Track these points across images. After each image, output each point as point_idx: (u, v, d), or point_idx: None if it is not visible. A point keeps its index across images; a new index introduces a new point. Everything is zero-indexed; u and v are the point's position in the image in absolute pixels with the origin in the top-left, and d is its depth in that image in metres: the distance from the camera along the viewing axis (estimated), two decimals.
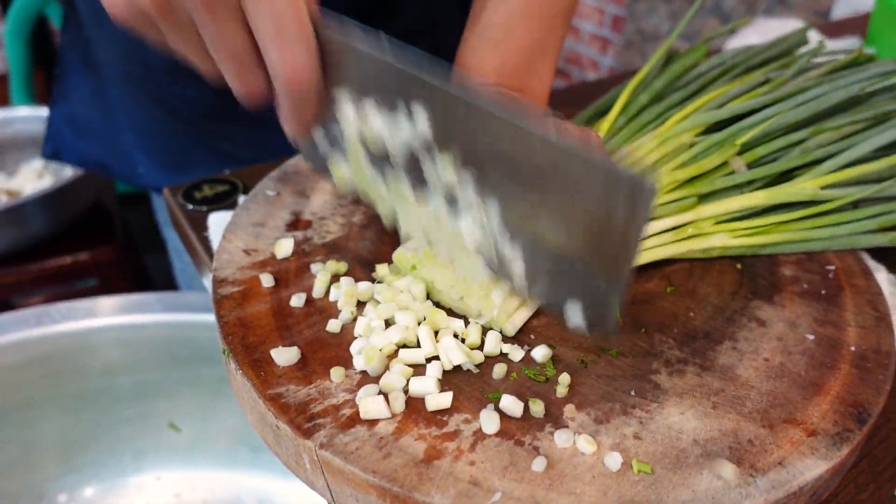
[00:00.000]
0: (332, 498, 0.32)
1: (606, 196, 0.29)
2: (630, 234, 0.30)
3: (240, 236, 0.44)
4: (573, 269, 0.33)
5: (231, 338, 0.36)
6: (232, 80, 0.33)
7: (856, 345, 0.38)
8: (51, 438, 0.67)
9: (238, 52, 0.32)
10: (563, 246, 0.32)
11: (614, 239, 0.30)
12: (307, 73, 0.32)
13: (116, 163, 0.74)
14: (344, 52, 0.32)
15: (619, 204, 0.29)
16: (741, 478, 0.30)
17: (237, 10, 0.30)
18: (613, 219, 0.30)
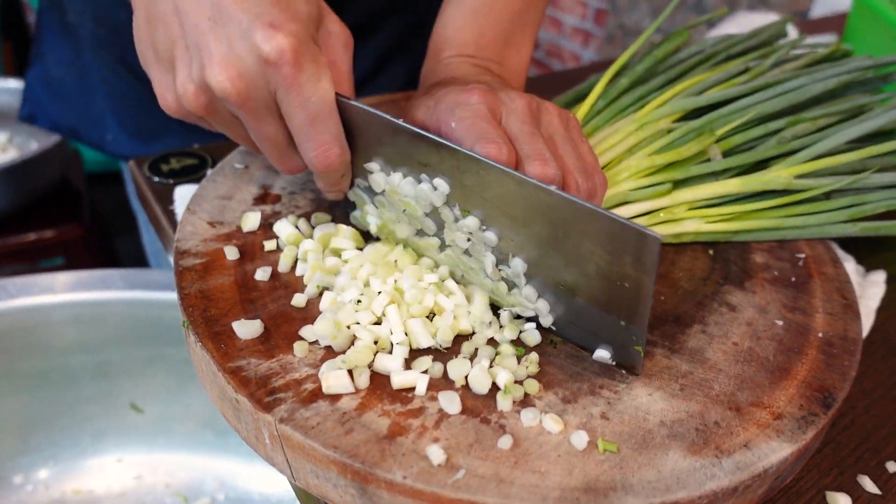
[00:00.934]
0: (292, 474, 0.31)
1: (614, 248, 0.31)
2: (641, 281, 0.31)
3: (205, 208, 0.43)
4: (596, 313, 0.34)
5: (192, 310, 0.35)
6: (274, 161, 0.38)
7: (823, 331, 0.38)
8: (6, 417, 0.65)
9: (277, 142, 0.36)
10: (584, 294, 0.34)
11: (627, 286, 0.32)
12: (335, 159, 0.35)
13: (87, 128, 0.72)
14: (370, 127, 0.36)
15: (627, 255, 0.31)
16: (706, 458, 0.30)
17: (273, 108, 0.34)
18: (624, 268, 0.31)
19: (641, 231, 0.29)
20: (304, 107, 0.33)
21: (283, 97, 0.33)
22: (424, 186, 0.36)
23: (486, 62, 0.46)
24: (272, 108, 0.34)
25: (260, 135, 0.36)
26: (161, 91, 0.36)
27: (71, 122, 0.73)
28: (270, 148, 0.36)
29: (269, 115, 0.35)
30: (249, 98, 0.33)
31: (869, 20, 0.81)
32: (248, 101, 0.33)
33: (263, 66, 0.32)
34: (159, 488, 0.68)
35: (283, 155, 0.37)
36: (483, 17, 0.47)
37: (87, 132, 0.72)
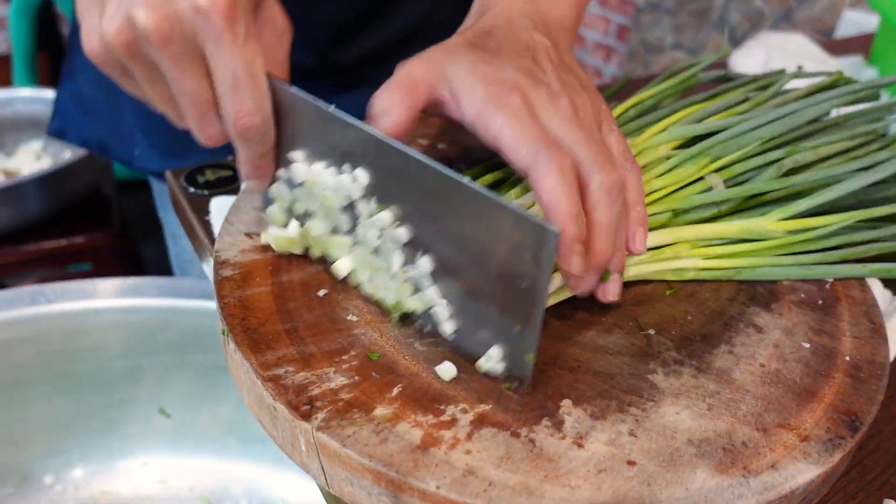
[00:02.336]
0: (327, 481, 0.32)
1: (515, 243, 0.31)
2: (538, 280, 0.31)
3: (242, 220, 0.44)
4: (491, 313, 0.34)
5: (231, 319, 0.36)
6: (194, 126, 0.36)
7: (850, 355, 0.38)
8: (39, 418, 0.66)
9: (199, 100, 0.35)
10: (482, 289, 0.34)
11: (524, 286, 0.32)
12: (258, 122, 0.35)
13: (115, 143, 0.74)
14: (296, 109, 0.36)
15: (527, 250, 0.31)
16: (734, 478, 0.31)
17: (200, 63, 0.33)
18: (523, 265, 0.31)
19: (540, 224, 0.30)
20: (231, 64, 0.32)
21: (211, 50, 0.32)
22: (345, 177, 0.36)
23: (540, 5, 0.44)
24: (196, 59, 0.33)
25: (181, 89, 0.34)
26: (88, 32, 0.34)
27: (100, 137, 0.75)
28: (191, 107, 0.35)
29: (191, 66, 0.33)
30: (172, 41, 0.32)
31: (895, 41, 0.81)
32: (170, 45, 0.32)
33: (193, 12, 0.31)
34: (184, 493, 0.69)
35: (203, 117, 0.35)
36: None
37: (116, 148, 0.74)
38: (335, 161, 0.37)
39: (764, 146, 0.46)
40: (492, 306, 0.34)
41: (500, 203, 0.31)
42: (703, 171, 0.45)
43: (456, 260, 0.34)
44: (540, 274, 0.31)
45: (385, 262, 0.37)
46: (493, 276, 0.33)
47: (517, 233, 0.31)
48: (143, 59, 0.34)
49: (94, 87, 0.73)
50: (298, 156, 0.38)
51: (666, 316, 0.40)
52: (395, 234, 0.36)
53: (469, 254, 0.33)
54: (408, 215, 0.35)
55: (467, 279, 0.34)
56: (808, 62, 0.85)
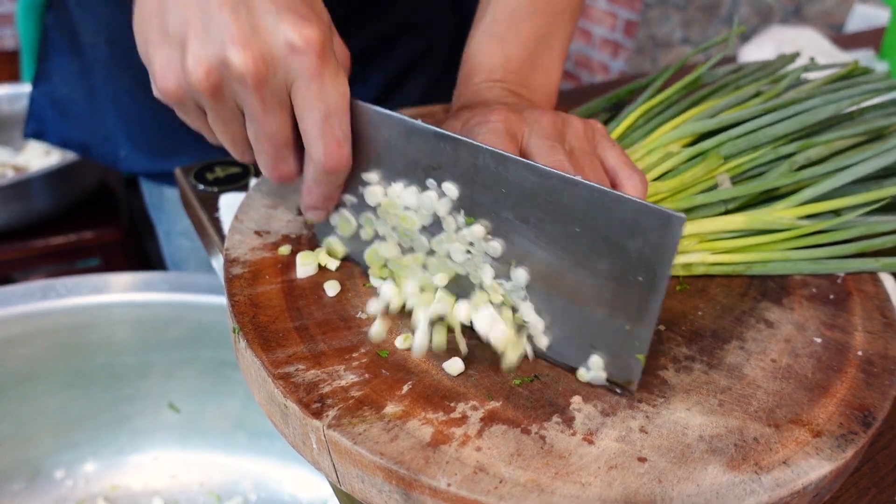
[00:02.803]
0: (338, 478, 0.32)
1: (633, 235, 0.30)
2: (658, 268, 0.30)
3: (252, 217, 0.44)
4: (596, 316, 0.33)
5: (242, 317, 0.36)
6: (266, 164, 0.36)
7: (863, 349, 0.38)
8: (50, 413, 0.67)
9: (279, 140, 0.34)
10: (588, 292, 0.33)
11: (643, 276, 0.31)
12: (345, 159, 0.34)
13: (98, 145, 0.73)
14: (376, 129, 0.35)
15: (647, 242, 0.30)
16: (745, 474, 0.30)
17: (286, 100, 0.33)
18: (642, 256, 0.30)
19: (665, 212, 0.29)
20: (323, 100, 0.32)
21: (303, 88, 0.32)
22: (430, 194, 0.35)
23: (514, 86, 0.47)
24: (284, 100, 0.33)
25: (262, 129, 0.34)
26: (163, 70, 0.33)
27: (82, 139, 0.74)
28: (268, 147, 0.35)
29: (278, 107, 0.33)
30: (266, 82, 0.32)
31: None
32: (263, 86, 0.32)
33: (288, 51, 0.31)
34: (193, 487, 0.70)
35: (278, 156, 0.35)
36: (510, 43, 0.48)
37: (99, 149, 0.74)
38: (416, 179, 0.35)
39: (775, 143, 0.46)
40: (597, 309, 0.33)
41: (619, 195, 0.30)
42: (714, 172, 0.45)
43: (556, 267, 0.33)
44: (661, 264, 0.30)
45: (473, 277, 0.36)
46: (603, 275, 0.32)
47: (638, 224, 0.29)
48: (228, 101, 0.33)
49: (71, 89, 0.72)
50: (374, 178, 0.36)
51: (676, 312, 0.40)
52: (487, 247, 0.34)
53: (575, 256, 0.32)
54: (500, 228, 0.34)
55: (569, 285, 0.33)
56: (819, 56, 0.84)
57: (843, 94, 0.48)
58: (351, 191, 0.38)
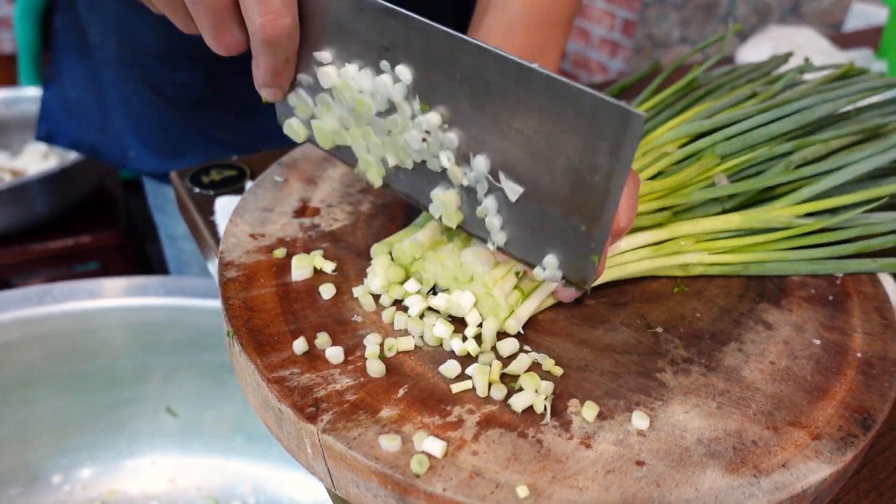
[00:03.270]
0: (333, 483, 0.32)
1: (593, 126, 0.28)
2: (616, 168, 0.29)
3: (247, 220, 0.44)
4: (553, 214, 0.32)
5: (236, 320, 0.36)
6: (208, 35, 0.33)
7: (862, 351, 0.38)
8: (47, 418, 0.67)
9: (217, 7, 0.32)
10: (545, 188, 0.31)
11: (599, 175, 0.29)
12: (285, 29, 0.31)
13: (107, 146, 0.74)
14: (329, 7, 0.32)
15: (605, 139, 0.28)
16: (744, 478, 0.30)
17: None
18: (599, 152, 0.29)
19: (625, 108, 0.27)
20: None
21: None
22: (385, 77, 0.32)
23: None
24: None
25: None
26: None
27: (91, 140, 0.75)
28: (206, 14, 0.32)
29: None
30: None
31: None
32: None
33: None
34: (192, 491, 0.69)
35: (220, 24, 0.33)
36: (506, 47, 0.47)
37: (108, 150, 0.74)
38: (370, 60, 0.32)
39: (772, 143, 0.46)
40: (554, 207, 0.31)
41: (580, 87, 0.28)
42: (711, 172, 0.44)
43: (513, 161, 0.31)
44: (618, 163, 0.28)
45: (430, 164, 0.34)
46: (560, 172, 0.30)
47: (596, 119, 0.28)
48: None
49: (81, 90, 0.73)
50: (326, 57, 0.33)
51: (674, 313, 0.40)
52: (444, 138, 0.32)
53: (532, 151, 0.30)
54: (457, 116, 0.32)
55: (526, 180, 0.31)
56: (817, 56, 0.84)
57: (839, 94, 0.48)
58: (306, 70, 0.35)
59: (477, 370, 0.34)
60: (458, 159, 0.33)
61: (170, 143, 0.72)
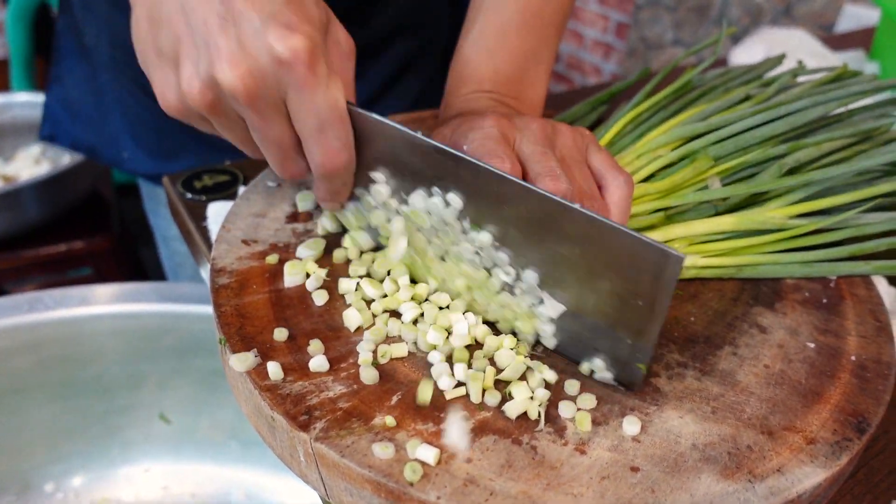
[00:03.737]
0: (326, 492, 0.32)
1: (632, 266, 0.31)
2: (657, 300, 0.31)
3: (239, 226, 0.44)
4: (600, 325, 0.34)
5: (228, 327, 0.36)
6: (275, 165, 0.37)
7: (856, 354, 0.38)
8: (39, 426, 0.66)
9: (281, 144, 0.35)
10: (591, 305, 0.34)
11: (641, 304, 0.32)
12: (343, 164, 0.35)
13: (104, 147, 0.74)
14: (378, 136, 0.35)
15: (646, 273, 0.30)
16: (739, 483, 0.30)
17: (282, 109, 0.33)
18: (640, 286, 0.31)
19: (664, 250, 0.29)
20: (316, 110, 0.33)
21: (295, 99, 0.33)
22: (436, 200, 0.35)
23: (502, 97, 0.47)
24: (280, 110, 0.34)
25: (265, 137, 0.35)
26: (162, 90, 0.35)
27: (89, 141, 0.75)
28: (274, 151, 0.36)
29: (276, 116, 0.34)
30: (258, 97, 0.32)
31: None
32: (256, 100, 0.32)
33: (276, 65, 0.31)
34: (185, 498, 0.69)
35: (286, 159, 0.36)
36: (499, 56, 0.48)
37: (104, 151, 0.74)
38: (422, 183, 0.36)
39: (765, 145, 0.46)
40: (601, 321, 0.33)
41: (617, 228, 0.30)
42: (704, 175, 0.44)
43: (560, 280, 0.34)
44: (661, 295, 0.31)
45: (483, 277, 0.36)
46: (604, 294, 0.32)
47: (636, 256, 0.30)
48: (228, 113, 0.34)
49: (81, 92, 0.73)
50: (380, 177, 0.37)
51: (668, 318, 0.40)
52: (496, 256, 0.35)
53: (577, 274, 0.33)
54: (506, 238, 0.34)
55: (573, 296, 0.34)
56: (809, 57, 0.84)
57: (830, 96, 0.48)
58: (363, 186, 0.38)
59: (471, 376, 0.33)
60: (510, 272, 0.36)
61: (163, 144, 0.72)
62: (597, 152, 0.39)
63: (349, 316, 0.37)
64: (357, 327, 0.37)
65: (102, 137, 0.74)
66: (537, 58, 0.49)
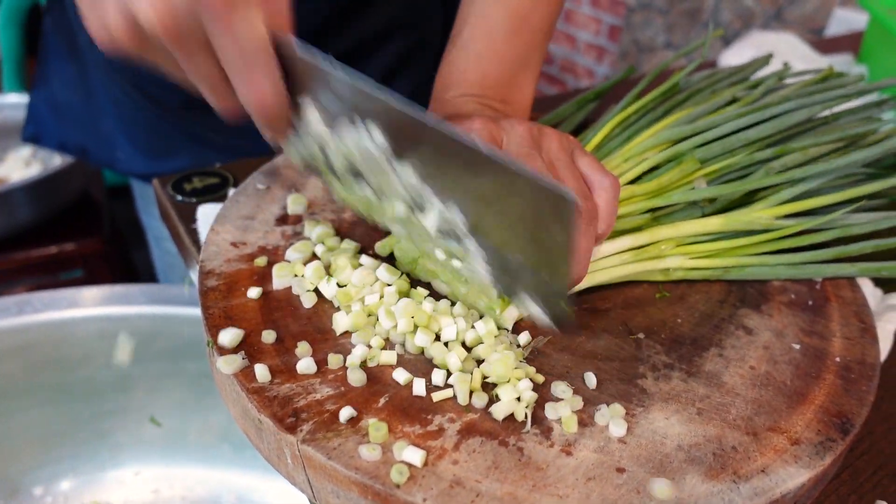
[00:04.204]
0: (313, 494, 0.32)
1: (536, 206, 0.31)
2: (563, 241, 0.31)
3: (228, 229, 0.44)
4: (524, 267, 0.34)
5: (216, 329, 0.36)
6: (210, 100, 0.36)
7: (841, 356, 0.38)
8: (27, 430, 0.66)
9: (212, 80, 0.34)
10: (512, 248, 0.34)
11: (551, 244, 0.31)
12: (271, 98, 0.34)
13: (96, 148, 0.74)
14: (308, 70, 0.34)
15: (548, 214, 0.30)
16: (724, 483, 0.30)
17: (206, 44, 0.32)
18: (547, 227, 0.31)
19: (557, 191, 0.29)
20: (236, 45, 0.32)
21: (214, 34, 0.32)
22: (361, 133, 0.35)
23: (490, 101, 0.47)
24: (205, 46, 0.33)
25: (194, 72, 0.34)
26: (94, 29, 0.34)
27: (79, 141, 0.75)
28: (207, 87, 0.35)
29: (201, 52, 0.33)
30: (179, 35, 0.32)
31: (884, 40, 0.81)
32: (177, 38, 0.32)
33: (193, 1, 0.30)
34: (176, 501, 0.69)
35: (220, 95, 0.35)
36: (487, 61, 0.48)
37: (96, 151, 0.74)
38: (349, 116, 0.35)
39: (751, 148, 0.46)
40: (524, 262, 0.34)
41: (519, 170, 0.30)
42: (691, 177, 0.45)
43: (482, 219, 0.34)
44: (562, 234, 0.30)
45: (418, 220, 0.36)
46: (520, 235, 0.33)
47: (537, 198, 0.30)
48: (157, 49, 0.34)
49: (69, 92, 0.73)
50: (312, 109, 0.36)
51: (655, 319, 0.40)
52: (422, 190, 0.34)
53: (494, 210, 0.33)
54: (429, 174, 0.34)
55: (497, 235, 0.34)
56: (798, 61, 0.85)
57: (816, 98, 0.48)
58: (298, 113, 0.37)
59: (458, 378, 0.34)
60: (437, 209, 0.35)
61: (158, 145, 0.72)
62: (582, 156, 0.39)
63: (338, 319, 0.37)
64: (345, 331, 0.37)
65: (94, 138, 0.74)
66: (525, 62, 0.49)
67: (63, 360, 0.63)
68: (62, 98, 0.73)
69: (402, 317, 0.36)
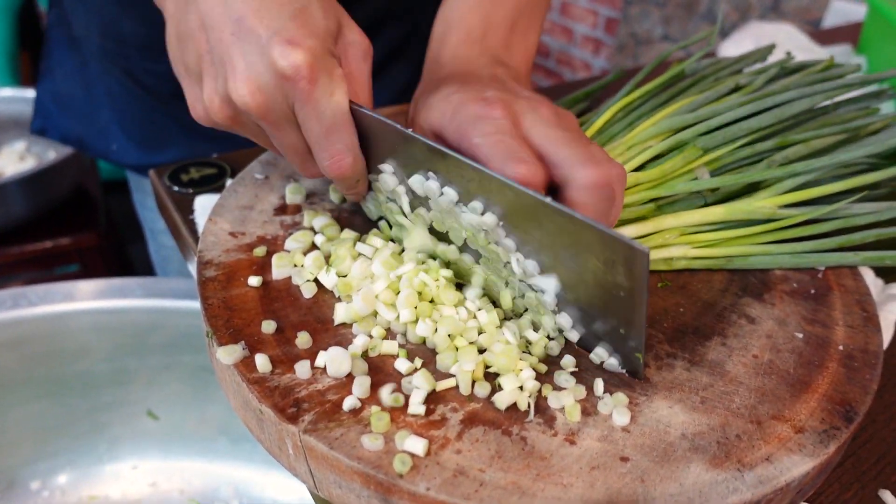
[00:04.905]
0: (315, 484, 0.31)
1: (608, 258, 0.31)
2: (634, 291, 0.31)
3: (226, 218, 0.43)
4: (600, 322, 0.35)
5: (215, 320, 0.35)
6: (297, 167, 0.40)
7: (844, 344, 0.38)
8: (24, 423, 0.65)
9: (297, 150, 0.38)
10: (586, 303, 0.34)
11: (623, 296, 0.32)
12: (347, 168, 0.37)
13: (93, 139, 0.74)
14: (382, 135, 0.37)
15: (619, 266, 0.31)
16: (728, 472, 0.30)
17: (293, 119, 0.36)
18: (618, 277, 0.32)
19: (629, 244, 0.30)
20: (319, 119, 0.35)
21: (300, 110, 0.35)
22: (432, 185, 0.36)
23: (494, 49, 0.46)
24: (291, 120, 0.36)
25: (281, 144, 0.38)
26: (192, 102, 0.38)
27: (78, 133, 0.75)
28: (292, 155, 0.38)
29: (288, 126, 0.36)
30: (269, 111, 0.35)
31: (883, 30, 0.81)
32: (267, 114, 0.35)
33: (281, 80, 0.34)
34: (174, 495, 0.68)
35: (304, 161, 0.39)
36: (487, 4, 0.47)
37: (93, 143, 0.74)
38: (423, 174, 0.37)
39: (753, 137, 0.46)
40: (597, 311, 0.34)
41: (586, 222, 0.31)
42: (693, 165, 0.44)
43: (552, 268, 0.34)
44: (635, 286, 0.31)
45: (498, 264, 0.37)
46: (591, 285, 0.33)
47: (608, 250, 0.31)
48: (247, 124, 0.38)
49: (70, 84, 0.72)
50: (387, 168, 0.39)
51: (658, 308, 0.40)
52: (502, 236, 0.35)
53: (565, 263, 0.34)
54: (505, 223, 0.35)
55: (568, 286, 0.34)
56: (798, 52, 0.85)
57: (817, 88, 0.48)
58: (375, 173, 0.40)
59: (460, 367, 0.33)
60: None
61: (152, 136, 0.71)
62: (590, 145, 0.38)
63: (339, 310, 0.36)
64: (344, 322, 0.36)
65: (91, 129, 0.73)
66: (530, 7, 0.49)
67: (59, 353, 0.63)
68: (64, 89, 0.73)
69: (404, 307, 0.36)
